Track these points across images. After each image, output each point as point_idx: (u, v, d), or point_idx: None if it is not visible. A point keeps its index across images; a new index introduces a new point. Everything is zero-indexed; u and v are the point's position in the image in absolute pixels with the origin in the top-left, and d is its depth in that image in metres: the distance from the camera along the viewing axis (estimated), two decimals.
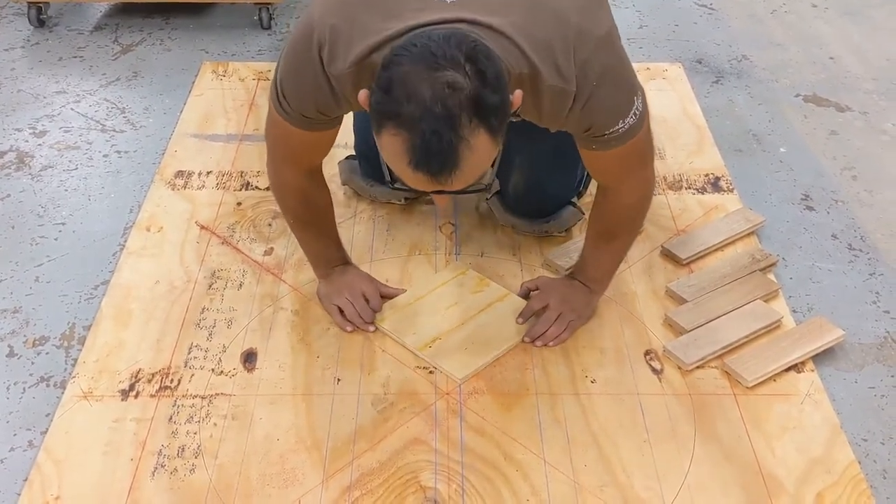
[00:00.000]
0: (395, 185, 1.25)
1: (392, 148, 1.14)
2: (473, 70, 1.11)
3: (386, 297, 1.68)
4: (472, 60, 1.11)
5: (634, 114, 1.35)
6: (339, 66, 1.27)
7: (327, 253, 1.67)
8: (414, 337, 1.61)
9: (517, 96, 1.19)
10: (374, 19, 1.24)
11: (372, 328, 1.62)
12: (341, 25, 1.26)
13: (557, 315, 1.61)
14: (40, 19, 2.70)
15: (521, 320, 1.62)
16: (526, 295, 1.68)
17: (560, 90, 1.27)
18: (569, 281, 1.65)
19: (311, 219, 1.62)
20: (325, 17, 1.28)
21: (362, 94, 1.20)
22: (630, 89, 1.36)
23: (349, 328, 1.62)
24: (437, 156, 1.11)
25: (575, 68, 1.26)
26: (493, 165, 1.20)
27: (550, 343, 1.59)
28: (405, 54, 1.13)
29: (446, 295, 1.70)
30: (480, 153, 1.14)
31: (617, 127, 1.34)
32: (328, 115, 1.38)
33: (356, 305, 1.63)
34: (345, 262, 1.69)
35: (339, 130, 1.48)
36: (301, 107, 1.37)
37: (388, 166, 1.21)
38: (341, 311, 1.64)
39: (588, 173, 1.89)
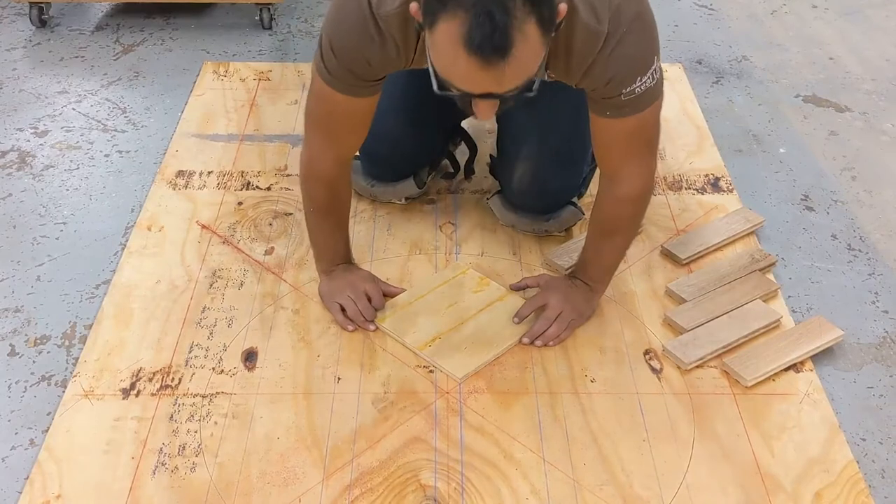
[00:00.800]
0: (443, 92, 1.22)
1: (447, 36, 1.13)
2: None
3: (388, 296, 1.69)
4: None
5: (652, 75, 1.37)
6: (388, 6, 1.30)
7: (336, 248, 1.68)
8: (414, 336, 1.61)
9: (563, 7, 1.20)
10: None
11: (373, 327, 1.63)
12: None
13: (557, 314, 1.61)
14: (42, 19, 2.71)
15: (517, 319, 1.63)
16: (523, 289, 1.68)
17: (593, 30, 1.30)
18: (569, 280, 1.66)
19: (331, 210, 1.63)
20: None
21: (413, 6, 1.21)
22: (653, 45, 1.38)
23: (350, 327, 1.63)
24: (490, 36, 1.10)
25: (609, 12, 1.30)
26: (537, 73, 1.19)
27: (550, 343, 1.60)
28: None
29: (447, 294, 1.70)
30: (531, 43, 1.14)
31: (634, 86, 1.36)
32: (374, 69, 1.39)
33: (358, 304, 1.64)
34: (348, 261, 1.70)
35: None
36: (348, 60, 1.39)
37: (435, 70, 1.20)
38: (343, 310, 1.64)
39: (590, 173, 1.89)
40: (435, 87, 1.22)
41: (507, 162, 1.80)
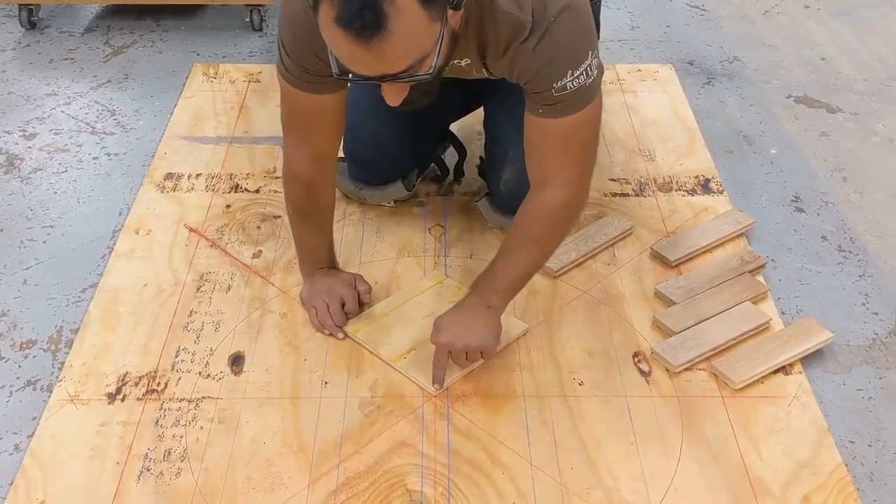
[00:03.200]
0: (339, 75, 1.19)
1: (323, 18, 1.10)
2: None
3: (364, 305, 1.66)
4: None
5: (586, 72, 1.34)
6: None
7: (318, 252, 1.67)
8: (389, 347, 1.58)
9: None
10: None
11: (341, 335, 1.61)
12: None
13: (463, 353, 1.49)
14: (31, 21, 2.70)
15: (437, 386, 1.51)
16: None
17: (515, 18, 1.29)
18: (464, 307, 1.52)
19: (310, 213, 1.62)
20: None
21: None
22: (586, 39, 1.35)
23: (326, 331, 1.62)
24: (359, 12, 1.07)
25: (531, 1, 1.28)
26: (437, 56, 1.16)
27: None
28: None
29: (423, 304, 1.68)
30: (409, 18, 1.09)
31: (565, 80, 1.33)
32: (323, 63, 1.33)
33: (330, 308, 1.62)
34: (331, 265, 1.69)
35: None
36: (299, 57, 1.39)
37: (332, 55, 1.17)
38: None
39: None
40: (335, 71, 1.19)
41: (494, 166, 1.79)
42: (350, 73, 1.18)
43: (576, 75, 1.33)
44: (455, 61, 1.40)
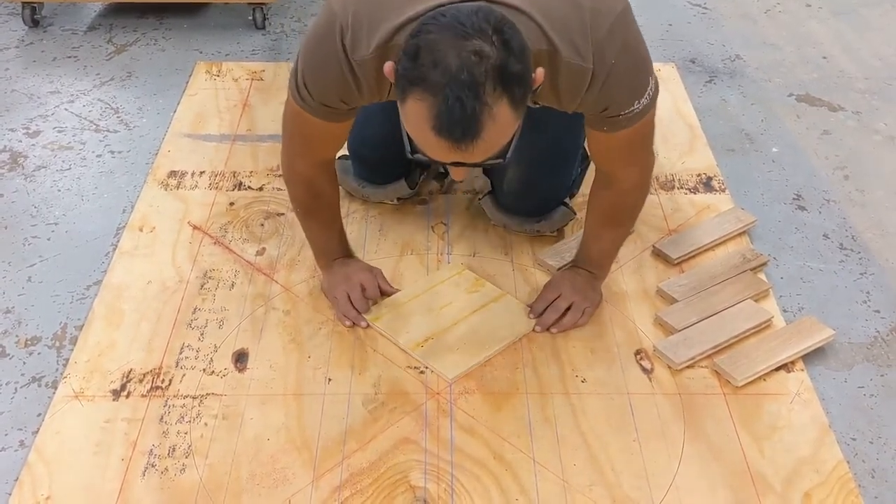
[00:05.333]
0: (415, 155, 1.24)
1: (416, 114, 1.14)
2: (500, 40, 1.12)
3: (385, 293, 1.69)
4: (498, 32, 1.13)
5: (649, 94, 1.38)
6: (363, 52, 1.28)
7: (330, 245, 1.69)
8: (407, 336, 1.61)
9: (539, 73, 1.20)
10: (395, 2, 1.26)
11: (364, 324, 1.63)
12: (363, 11, 1.28)
13: (569, 304, 1.63)
14: (34, 19, 2.70)
15: (532, 315, 1.64)
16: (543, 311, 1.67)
17: (577, 68, 1.28)
18: (573, 271, 1.68)
19: (318, 210, 1.63)
20: (346, 4, 1.29)
21: (388, 66, 1.20)
22: (646, 69, 1.38)
23: (347, 322, 1.63)
24: (459, 122, 1.11)
25: (592, 46, 1.28)
26: (511, 140, 1.20)
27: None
28: (433, 23, 1.14)
29: (441, 294, 1.70)
30: (502, 123, 1.14)
31: (633, 108, 1.36)
32: (349, 105, 1.39)
33: (351, 296, 1.64)
34: (346, 255, 1.70)
35: None
36: (323, 97, 1.38)
37: (408, 135, 1.21)
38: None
39: (580, 173, 1.89)
40: (408, 151, 1.23)
41: (498, 167, 1.79)
42: (424, 154, 1.21)
43: (641, 101, 1.37)
44: None
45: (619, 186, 1.55)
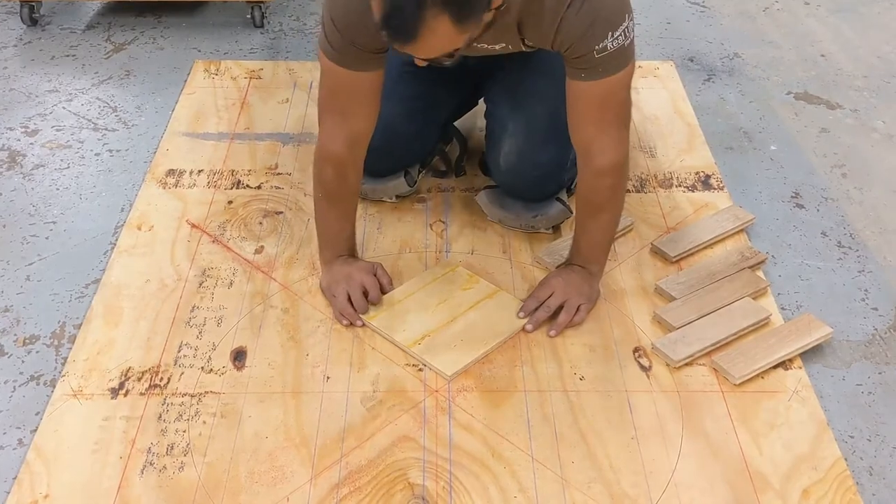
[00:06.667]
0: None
1: (371, 7, 1.23)
2: None
3: (385, 291, 1.69)
4: None
5: (624, 32, 1.42)
6: None
7: (339, 239, 1.69)
8: (403, 334, 1.61)
9: None
10: None
11: (360, 322, 1.63)
12: None
13: (561, 302, 1.63)
14: (33, 18, 2.70)
15: (522, 314, 1.64)
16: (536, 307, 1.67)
17: None
18: (567, 267, 1.68)
19: (339, 197, 1.65)
20: None
21: None
22: (624, 2, 1.43)
23: (344, 322, 1.63)
24: (397, 25, 1.20)
25: None
26: (459, 48, 1.27)
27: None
28: None
29: (436, 292, 1.70)
30: (441, 35, 1.21)
31: (606, 41, 1.40)
32: (375, 37, 1.38)
33: (352, 296, 1.64)
34: (351, 254, 1.70)
35: None
36: (350, 30, 1.44)
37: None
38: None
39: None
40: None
41: (495, 142, 1.81)
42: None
43: (615, 36, 1.41)
44: (485, 45, 1.50)
45: (595, 164, 1.55)
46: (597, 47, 1.40)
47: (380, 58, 1.50)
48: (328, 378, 1.54)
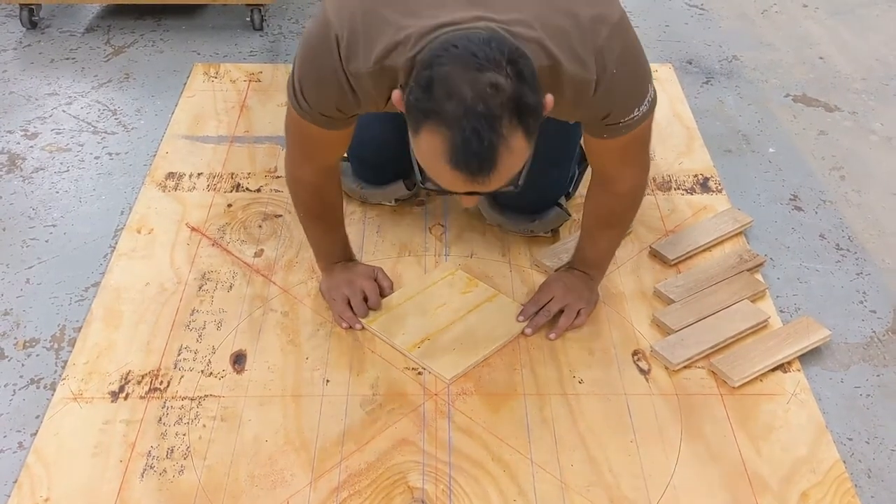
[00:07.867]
0: (427, 185, 1.23)
1: (430, 146, 1.14)
2: (514, 71, 1.12)
3: (385, 295, 1.69)
4: (512, 63, 1.12)
5: (648, 100, 1.38)
6: (360, 65, 1.27)
7: (333, 249, 1.69)
8: (403, 337, 1.61)
9: (549, 100, 1.19)
10: (392, 16, 1.24)
11: (358, 326, 1.63)
12: (359, 21, 1.26)
13: (562, 306, 1.63)
14: (32, 21, 2.71)
15: (521, 318, 1.64)
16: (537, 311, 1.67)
17: (581, 78, 1.28)
18: (568, 272, 1.69)
19: (321, 215, 1.63)
20: (341, 12, 1.28)
21: (396, 95, 1.21)
22: (645, 75, 1.39)
23: (344, 325, 1.63)
24: (476, 155, 1.11)
25: (593, 55, 1.28)
26: (523, 168, 1.20)
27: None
28: (446, 55, 1.13)
29: (436, 295, 1.71)
30: (516, 154, 1.14)
31: (633, 115, 1.37)
32: (347, 114, 1.39)
33: (352, 301, 1.64)
34: (349, 258, 1.71)
35: None
36: (320, 106, 1.37)
37: (419, 165, 1.20)
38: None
39: (579, 175, 1.90)
40: (418, 180, 1.22)
41: None
42: (436, 184, 1.20)
43: (640, 108, 1.37)
44: None
45: (616, 188, 1.55)
46: (622, 121, 1.37)
47: (353, 118, 1.43)
48: (328, 381, 1.55)
